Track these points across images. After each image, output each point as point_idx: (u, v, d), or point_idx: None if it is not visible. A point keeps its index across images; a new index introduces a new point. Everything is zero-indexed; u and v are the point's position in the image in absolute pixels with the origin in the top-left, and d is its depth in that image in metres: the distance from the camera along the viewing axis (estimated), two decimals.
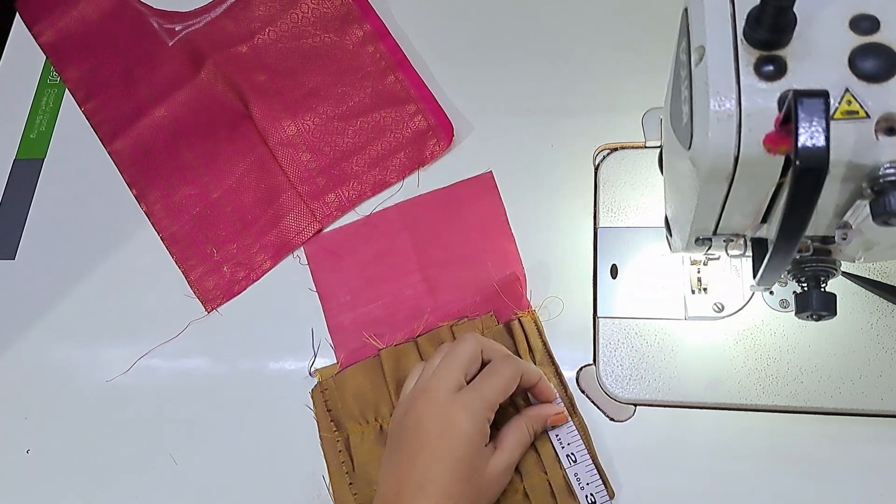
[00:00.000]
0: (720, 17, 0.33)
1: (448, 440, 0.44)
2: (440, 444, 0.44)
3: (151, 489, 0.54)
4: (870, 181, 0.31)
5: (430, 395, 0.46)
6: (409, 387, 0.50)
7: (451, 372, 0.47)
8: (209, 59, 0.65)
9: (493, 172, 0.59)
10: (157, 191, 0.64)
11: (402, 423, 0.47)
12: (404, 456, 0.45)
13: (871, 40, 0.31)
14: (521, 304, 0.55)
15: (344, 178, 0.61)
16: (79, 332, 0.60)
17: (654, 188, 0.56)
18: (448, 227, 0.58)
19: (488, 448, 0.46)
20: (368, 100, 0.63)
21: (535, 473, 0.49)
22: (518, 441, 0.48)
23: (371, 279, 0.58)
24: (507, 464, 0.47)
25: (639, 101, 0.58)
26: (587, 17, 0.64)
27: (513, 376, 0.48)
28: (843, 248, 0.38)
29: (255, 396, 0.56)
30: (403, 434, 0.46)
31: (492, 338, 0.53)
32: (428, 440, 0.45)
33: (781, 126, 0.30)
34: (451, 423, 0.45)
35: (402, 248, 0.58)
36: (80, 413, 0.57)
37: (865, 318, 0.50)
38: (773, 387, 0.50)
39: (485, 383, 0.47)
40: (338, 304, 0.57)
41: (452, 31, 0.66)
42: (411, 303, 0.57)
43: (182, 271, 0.61)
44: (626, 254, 0.55)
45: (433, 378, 0.47)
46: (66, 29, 0.70)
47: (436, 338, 0.54)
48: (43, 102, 0.69)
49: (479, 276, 0.56)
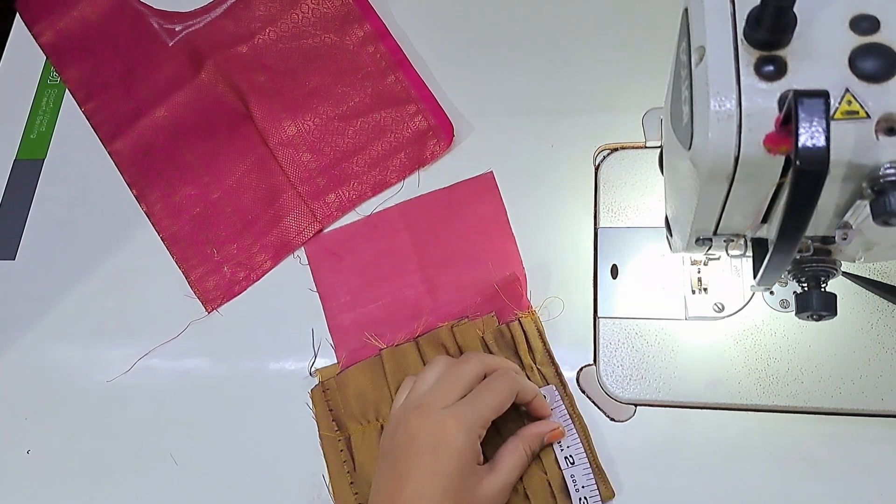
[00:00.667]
0: (720, 17, 0.33)
1: (440, 457, 0.44)
2: (433, 461, 0.44)
3: (151, 489, 0.54)
4: (870, 181, 0.31)
5: (423, 411, 0.46)
6: (400, 400, 0.49)
7: (450, 392, 0.46)
8: (209, 60, 0.65)
9: (493, 172, 0.59)
10: (157, 191, 0.64)
11: (393, 437, 0.46)
12: (396, 472, 0.45)
13: (871, 40, 0.31)
14: (521, 305, 0.55)
15: (344, 179, 0.61)
16: (79, 332, 0.60)
17: (654, 188, 0.56)
18: (448, 227, 0.58)
19: (483, 468, 0.46)
20: (368, 100, 0.63)
21: (535, 474, 0.49)
22: (515, 463, 0.47)
23: (371, 279, 0.58)
24: (503, 485, 0.46)
25: (639, 101, 0.58)
26: (587, 18, 0.64)
27: (508, 393, 0.47)
28: (843, 249, 0.38)
29: (255, 396, 0.56)
30: (396, 449, 0.46)
31: (492, 338, 0.53)
32: (420, 457, 0.44)
33: (781, 126, 0.30)
34: (444, 437, 0.44)
35: (402, 248, 0.58)
36: (80, 413, 0.57)
37: (866, 318, 0.50)
38: (773, 387, 0.50)
39: (479, 399, 0.46)
40: (338, 304, 0.57)
41: (452, 31, 0.66)
42: (411, 303, 0.56)
43: (182, 271, 0.61)
44: (627, 254, 0.55)
45: (430, 394, 0.47)
46: (66, 29, 0.70)
47: (436, 338, 0.54)
48: (43, 103, 0.69)
49: (480, 277, 0.56)
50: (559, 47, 0.63)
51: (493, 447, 0.48)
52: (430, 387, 0.48)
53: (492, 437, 0.48)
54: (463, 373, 0.48)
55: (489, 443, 0.48)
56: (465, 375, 0.47)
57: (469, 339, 0.53)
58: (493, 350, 0.53)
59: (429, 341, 0.54)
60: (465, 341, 0.53)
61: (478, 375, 0.48)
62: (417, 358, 0.53)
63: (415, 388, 0.48)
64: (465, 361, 0.49)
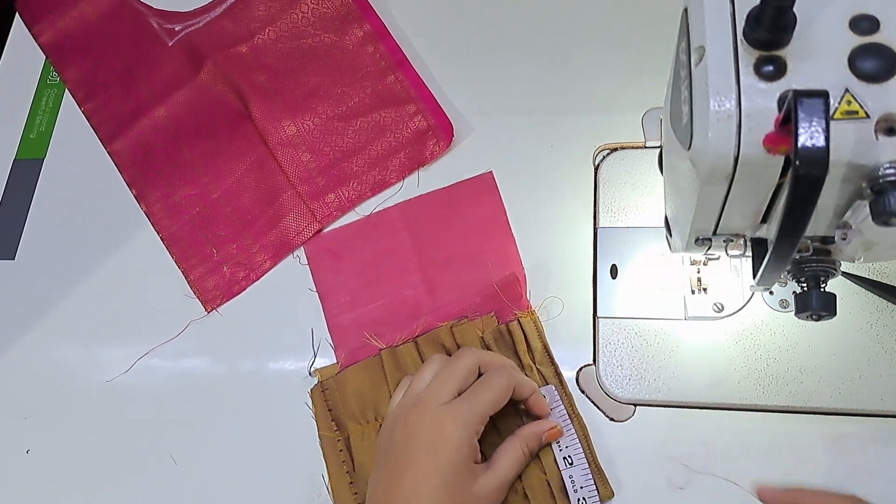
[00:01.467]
0: (720, 17, 0.33)
1: (437, 453, 0.44)
2: (430, 458, 0.44)
3: (151, 489, 0.54)
4: (869, 181, 0.31)
5: (421, 408, 0.46)
6: (397, 398, 0.50)
7: (445, 387, 0.47)
8: (209, 59, 0.65)
9: (493, 172, 0.59)
10: (156, 191, 0.64)
11: (391, 435, 0.47)
12: (393, 468, 0.45)
13: (870, 40, 0.31)
14: (521, 305, 0.54)
15: (344, 178, 0.61)
16: (79, 332, 0.60)
17: (654, 188, 0.56)
18: (448, 227, 0.58)
19: (480, 466, 0.46)
20: (368, 100, 0.63)
21: (534, 474, 0.49)
22: (512, 461, 0.47)
23: (371, 279, 0.58)
24: (499, 483, 0.46)
25: (639, 101, 0.58)
26: (587, 18, 0.64)
27: (505, 388, 0.47)
28: (842, 249, 0.38)
29: (255, 396, 0.56)
30: (393, 447, 0.46)
31: (491, 338, 0.53)
32: (418, 453, 0.44)
33: (781, 126, 0.30)
34: (441, 433, 0.44)
35: (402, 248, 0.58)
36: (80, 413, 0.57)
37: (865, 318, 0.50)
38: (773, 387, 0.50)
39: (476, 395, 0.46)
40: (338, 304, 0.57)
41: (452, 31, 0.66)
42: (411, 303, 0.56)
43: (182, 271, 0.61)
44: (626, 254, 0.55)
45: (427, 390, 0.47)
46: (65, 29, 0.70)
47: (435, 338, 0.54)
48: (43, 102, 0.69)
49: (479, 277, 0.56)
50: (559, 47, 0.63)
51: (492, 446, 0.48)
52: (427, 384, 0.48)
53: (491, 437, 0.48)
54: (458, 368, 0.48)
55: (488, 442, 0.48)
56: (459, 370, 0.48)
57: (468, 338, 0.53)
58: (493, 350, 0.53)
59: (428, 341, 0.54)
60: (465, 341, 0.53)
61: (472, 369, 0.48)
62: (417, 358, 0.53)
63: (412, 386, 0.49)
64: (460, 356, 0.49)
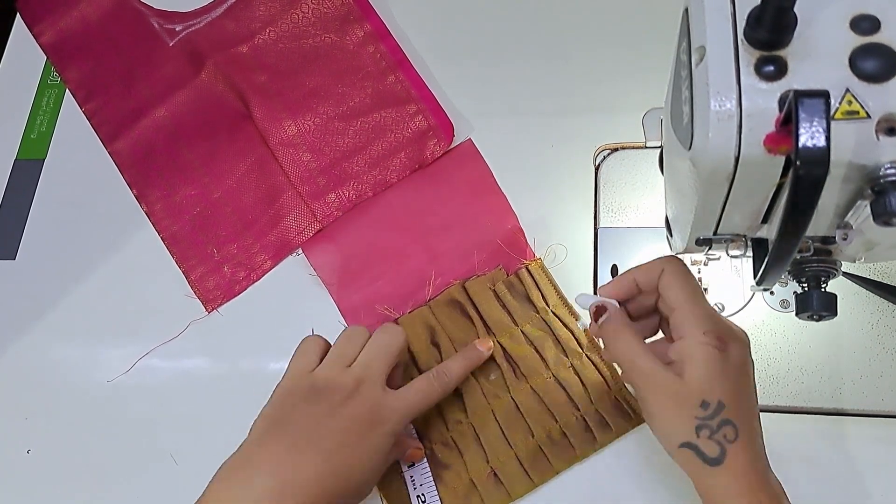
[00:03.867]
0: (720, 17, 0.33)
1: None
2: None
3: (151, 489, 0.54)
4: (870, 181, 0.31)
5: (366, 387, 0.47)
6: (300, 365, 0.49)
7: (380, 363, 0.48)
8: (209, 60, 0.65)
9: (471, 139, 0.60)
10: (157, 191, 0.63)
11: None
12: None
13: (871, 40, 0.31)
14: (526, 255, 0.56)
15: (344, 178, 0.61)
16: (79, 332, 0.60)
17: (654, 188, 0.56)
18: (439, 195, 0.59)
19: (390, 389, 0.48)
20: (369, 100, 0.63)
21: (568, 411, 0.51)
22: (419, 387, 0.48)
23: (373, 257, 0.58)
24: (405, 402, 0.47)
25: (639, 101, 0.58)
26: (587, 18, 0.64)
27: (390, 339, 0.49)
28: (843, 249, 0.38)
29: (255, 396, 0.56)
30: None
31: (504, 288, 0.54)
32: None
33: (782, 126, 0.30)
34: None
35: (398, 224, 0.59)
36: (80, 413, 0.57)
37: (866, 319, 0.50)
38: (773, 387, 0.50)
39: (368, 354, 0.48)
40: (345, 287, 0.58)
41: (452, 31, 0.66)
42: (417, 273, 0.57)
43: (182, 271, 0.61)
44: (627, 254, 0.55)
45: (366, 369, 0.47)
46: (66, 29, 0.70)
47: (448, 297, 0.55)
48: (43, 103, 0.69)
49: (479, 237, 0.57)
50: (559, 47, 0.63)
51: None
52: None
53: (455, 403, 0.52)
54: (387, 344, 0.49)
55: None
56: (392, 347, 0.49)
57: (481, 292, 0.54)
58: (507, 300, 0.54)
59: (441, 302, 0.55)
60: (477, 296, 0.54)
61: (402, 348, 0.49)
62: (433, 319, 0.54)
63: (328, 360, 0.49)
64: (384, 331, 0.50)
